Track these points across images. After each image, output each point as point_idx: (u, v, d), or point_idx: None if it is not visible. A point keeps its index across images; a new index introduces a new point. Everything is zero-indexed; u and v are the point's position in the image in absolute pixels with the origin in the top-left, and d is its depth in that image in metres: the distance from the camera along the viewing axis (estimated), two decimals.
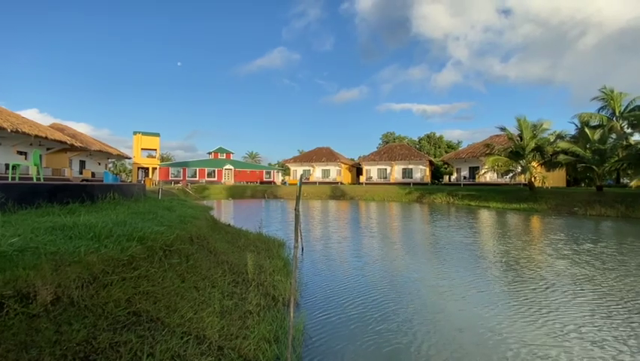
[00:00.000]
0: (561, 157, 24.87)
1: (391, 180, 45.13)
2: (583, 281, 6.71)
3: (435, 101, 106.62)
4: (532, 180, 26.29)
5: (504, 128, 27.78)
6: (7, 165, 16.86)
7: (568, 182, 35.38)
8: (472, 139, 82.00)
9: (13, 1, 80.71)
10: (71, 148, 24.24)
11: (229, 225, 10.92)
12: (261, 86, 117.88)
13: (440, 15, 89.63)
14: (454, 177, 42.46)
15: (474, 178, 37.19)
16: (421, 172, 44.99)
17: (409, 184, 40.59)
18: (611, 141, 24.33)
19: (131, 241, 3.79)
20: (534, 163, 26.86)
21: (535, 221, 17.60)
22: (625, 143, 23.97)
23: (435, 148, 60.53)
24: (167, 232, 4.52)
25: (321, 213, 21.91)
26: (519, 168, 27.18)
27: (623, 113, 29.43)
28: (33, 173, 12.13)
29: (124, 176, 67.02)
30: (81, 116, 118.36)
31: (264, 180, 55.52)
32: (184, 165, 52.79)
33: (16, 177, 10.83)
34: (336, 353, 3.91)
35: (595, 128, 25.59)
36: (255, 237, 9.29)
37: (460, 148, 51.75)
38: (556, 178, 31.59)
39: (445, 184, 41.25)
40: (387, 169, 46.95)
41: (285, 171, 61.16)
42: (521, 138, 26.74)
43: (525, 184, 27.95)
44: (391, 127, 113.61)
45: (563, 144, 25.27)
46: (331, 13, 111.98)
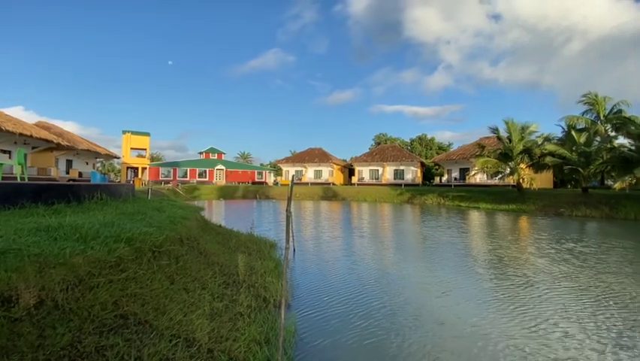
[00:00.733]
0: (548, 159, 25.38)
1: (383, 181, 45.38)
2: (561, 278, 7.02)
3: (426, 104, 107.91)
4: (521, 181, 26.77)
5: (495, 129, 28.22)
6: None
7: (555, 183, 36.13)
8: (463, 141, 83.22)
9: None
10: (57, 147, 23.70)
11: (220, 226, 10.81)
12: (254, 86, 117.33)
13: (432, 19, 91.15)
14: (444, 178, 42.94)
15: (464, 179, 37.68)
16: (413, 173, 45.36)
17: (400, 185, 40.88)
18: (596, 143, 24.94)
19: (119, 242, 3.72)
20: (522, 165, 27.34)
21: (522, 222, 17.93)
22: (609, 146, 24.60)
23: (426, 150, 61.12)
24: (156, 233, 4.45)
25: (313, 214, 21.89)
26: (508, 170, 27.64)
27: (607, 116, 30.25)
28: (17, 172, 11.80)
29: (112, 176, 65.83)
30: (69, 114, 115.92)
31: (255, 180, 55.20)
32: (174, 165, 52.12)
33: None
34: (328, 353, 3.91)
35: (581, 131, 26.19)
36: (247, 238, 9.22)
37: (451, 150, 52.35)
38: (544, 180, 32.21)
39: (436, 185, 41.69)
40: (379, 170, 47.19)
41: (277, 171, 60.95)
42: (510, 140, 27.20)
43: (514, 186, 28.44)
44: (383, 128, 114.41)
45: (550, 147, 25.79)
46: (326, 15, 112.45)
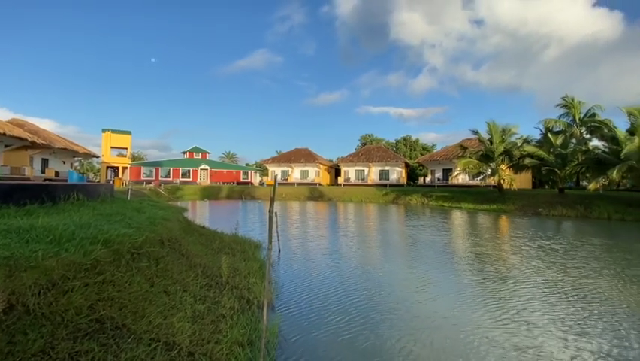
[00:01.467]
0: (527, 160, 26.23)
1: (369, 182, 45.74)
2: (530, 274, 7.47)
3: (411, 105, 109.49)
4: (501, 182, 27.52)
5: (477, 131, 28.94)
6: None
7: (534, 184, 37.34)
8: (446, 142, 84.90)
9: None
10: (32, 145, 22.69)
11: (203, 227, 10.64)
12: (241, 86, 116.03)
13: (417, 22, 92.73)
14: (428, 178, 43.68)
15: (447, 180, 38.43)
16: (398, 174, 45.93)
17: (385, 185, 41.31)
18: (572, 145, 25.97)
19: (96, 244, 3.60)
20: (503, 166, 28.14)
21: (501, 221, 18.47)
22: (584, 148, 25.65)
23: (411, 150, 62.00)
24: (135, 235, 4.33)
25: (299, 215, 21.84)
26: (489, 171, 28.38)
27: (582, 119, 31.51)
28: None
29: (91, 175, 63.73)
30: (45, 112, 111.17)
31: (241, 180, 54.59)
32: (157, 164, 50.90)
33: None
34: (311, 352, 3.90)
35: (557, 133, 27.20)
36: (231, 239, 9.11)
37: (435, 151, 53.33)
38: (523, 180, 33.24)
39: (420, 185, 42.35)
40: (364, 171, 47.55)
41: (263, 171, 60.48)
42: (491, 142, 27.94)
43: (494, 186, 29.21)
44: (369, 129, 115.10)
45: (529, 148, 26.65)
46: (314, 18, 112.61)
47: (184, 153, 53.36)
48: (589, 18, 79.35)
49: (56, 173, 28.65)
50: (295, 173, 50.67)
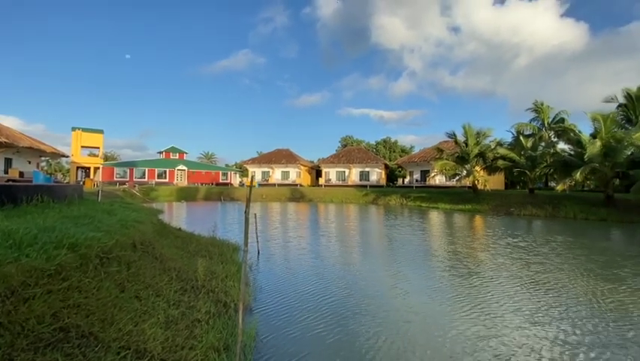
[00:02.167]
0: (500, 162, 27.35)
1: (349, 183, 46.11)
2: (496, 269, 7.98)
3: (391, 108, 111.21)
4: (476, 183, 28.50)
5: (453, 134, 29.85)
6: None
7: (506, 185, 38.89)
8: (424, 144, 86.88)
9: None
10: None
11: (179, 229, 10.35)
12: (222, 86, 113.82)
13: (397, 27, 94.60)
14: (407, 179, 44.57)
15: (425, 181, 39.34)
16: (377, 175, 46.58)
17: (366, 186, 41.79)
18: (541, 148, 27.30)
19: (60, 248, 3.41)
20: (477, 167, 29.17)
21: (475, 221, 19.14)
22: (552, 151, 27.01)
23: (390, 152, 63.07)
24: (104, 238, 4.14)
25: (280, 216, 21.68)
26: (464, 172, 29.32)
27: (550, 124, 33.19)
28: None
29: (60, 176, 60.63)
30: (8, 109, 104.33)
31: (220, 181, 53.54)
32: (131, 164, 49.02)
33: None
34: (290, 356, 3.87)
35: (528, 136, 28.56)
36: (208, 241, 8.91)
37: (413, 153, 54.51)
38: (496, 181, 34.55)
39: (399, 186, 43.12)
40: (345, 172, 47.89)
41: (244, 172, 59.61)
42: (466, 145, 28.91)
43: (469, 187, 30.20)
44: (350, 131, 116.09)
45: (501, 151, 27.80)
46: (297, 19, 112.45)
47: (160, 153, 51.71)
48: (557, 29, 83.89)
49: (21, 173, 26.98)
50: (276, 174, 50.32)
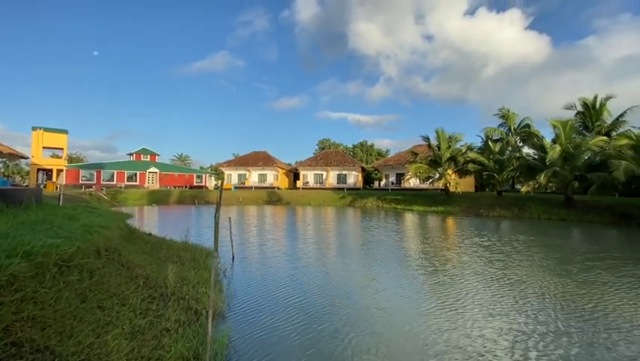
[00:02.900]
0: (470, 166, 28.50)
1: (327, 185, 46.29)
2: (459, 267, 8.50)
3: (368, 112, 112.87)
4: (448, 185, 29.52)
5: (426, 138, 30.78)
6: None
7: (476, 187, 40.52)
8: (399, 148, 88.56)
9: None
10: None
11: (150, 234, 9.94)
12: (199, 87, 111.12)
13: (374, 34, 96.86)
14: (383, 182, 45.42)
15: (400, 183, 40.26)
16: (354, 178, 47.11)
17: (343, 189, 42.09)
18: (508, 152, 28.71)
19: (13, 257, 3.16)
20: (449, 171, 30.23)
21: (446, 222, 19.81)
22: (518, 155, 28.47)
23: (367, 155, 64.03)
24: (64, 245, 3.89)
25: (256, 219, 21.38)
26: (437, 175, 30.30)
27: (516, 129, 34.99)
28: None
29: (18, 179, 56.66)
30: None
31: (194, 184, 52.03)
32: (99, 167, 46.60)
33: None
34: None
35: (496, 141, 29.94)
36: (180, 246, 8.60)
37: (389, 156, 55.66)
38: (467, 184, 35.95)
39: (375, 189, 43.83)
40: (323, 174, 48.05)
41: (219, 175, 58.30)
42: (439, 148, 29.90)
43: (442, 189, 31.22)
44: (328, 134, 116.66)
45: (472, 155, 28.99)
46: (277, 23, 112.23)
47: (130, 155, 49.55)
48: (521, 40, 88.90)
49: None
50: (253, 176, 49.63)
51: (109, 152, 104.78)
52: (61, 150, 42.25)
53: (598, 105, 26.83)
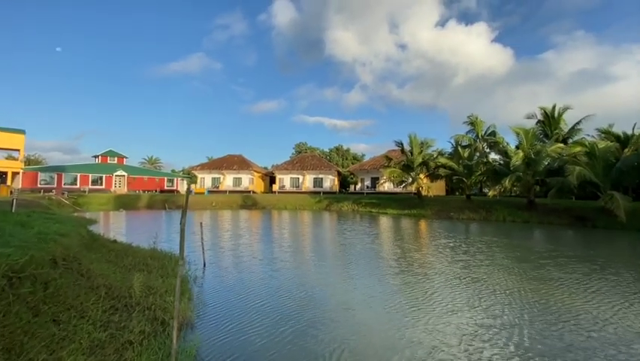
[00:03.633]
0: (441, 170, 29.57)
1: (303, 189, 46.19)
2: (424, 266, 9.01)
3: (344, 117, 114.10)
4: (420, 189, 30.40)
5: (400, 143, 31.57)
6: None
7: (447, 191, 42.02)
8: (374, 152, 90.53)
9: None
10: None
11: (114, 241, 9.44)
12: (172, 88, 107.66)
13: (350, 42, 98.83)
14: (358, 186, 45.95)
15: (375, 187, 40.93)
16: (331, 182, 47.35)
17: (319, 193, 42.18)
18: (476, 158, 30.04)
19: None
20: (421, 175, 31.16)
21: (418, 225, 20.39)
22: (485, 160, 29.87)
23: (343, 159, 64.62)
24: (15, 254, 3.61)
25: (230, 224, 20.92)
26: (410, 179, 31.12)
27: (483, 136, 36.72)
28: None
29: None
30: None
31: (165, 188, 50.18)
32: (60, 169, 43.76)
33: None
34: None
35: (465, 147, 31.22)
36: (148, 253, 8.24)
37: (364, 160, 56.50)
38: (439, 188, 37.17)
39: (351, 193, 44.29)
40: (299, 178, 47.92)
41: (192, 178, 56.56)
42: (412, 153, 30.78)
43: (415, 193, 32.08)
44: (304, 138, 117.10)
45: (442, 160, 30.08)
46: (255, 27, 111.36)
47: (96, 157, 46.99)
48: (487, 53, 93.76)
49: None
50: (227, 180, 48.62)
51: (72, 154, 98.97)
52: (18, 151, 39.30)
53: (556, 114, 28.70)
